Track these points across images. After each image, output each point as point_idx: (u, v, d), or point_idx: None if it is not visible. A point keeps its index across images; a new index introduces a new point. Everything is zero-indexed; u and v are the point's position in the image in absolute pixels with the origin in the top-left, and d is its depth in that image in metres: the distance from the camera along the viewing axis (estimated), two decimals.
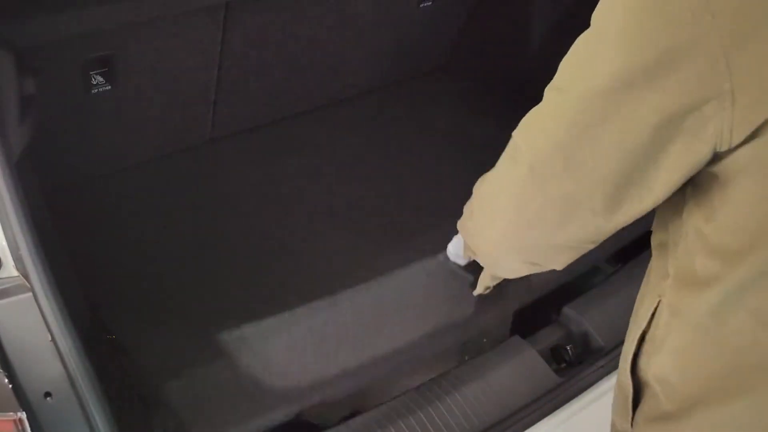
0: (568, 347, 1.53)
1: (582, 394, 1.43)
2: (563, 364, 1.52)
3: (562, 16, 2.24)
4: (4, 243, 0.96)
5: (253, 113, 2.12)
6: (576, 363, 1.51)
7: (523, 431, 1.36)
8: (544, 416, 1.39)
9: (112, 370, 1.40)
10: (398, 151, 2.15)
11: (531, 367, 1.47)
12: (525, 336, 1.59)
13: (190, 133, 2.03)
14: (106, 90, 1.70)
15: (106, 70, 1.67)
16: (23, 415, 0.96)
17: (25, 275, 0.96)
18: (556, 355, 1.53)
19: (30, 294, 0.96)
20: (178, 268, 1.72)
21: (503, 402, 1.40)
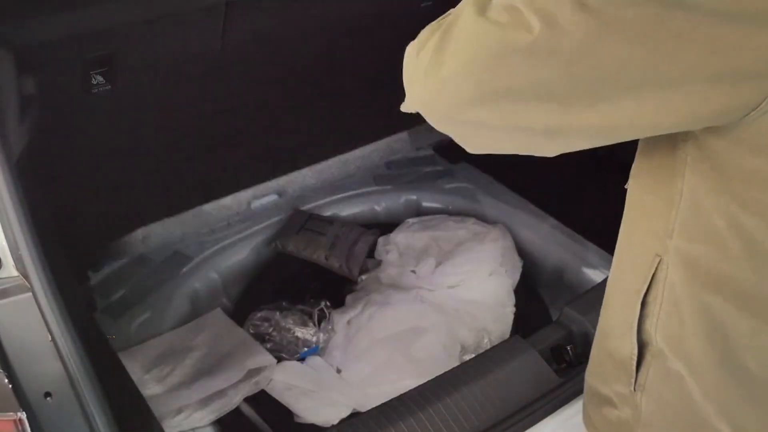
0: (568, 347, 1.53)
1: (582, 395, 1.43)
2: (563, 364, 1.52)
3: None
4: (4, 243, 0.96)
5: (251, 112, 2.12)
6: (576, 363, 1.51)
7: (523, 431, 1.37)
8: (545, 416, 1.39)
9: (112, 370, 1.40)
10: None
11: (531, 367, 1.47)
12: (525, 336, 1.59)
13: (190, 132, 2.03)
14: (106, 90, 1.70)
15: (106, 69, 1.67)
16: (23, 415, 0.96)
17: (25, 275, 0.96)
18: (556, 355, 1.53)
19: (30, 294, 0.96)
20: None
21: (503, 402, 1.40)
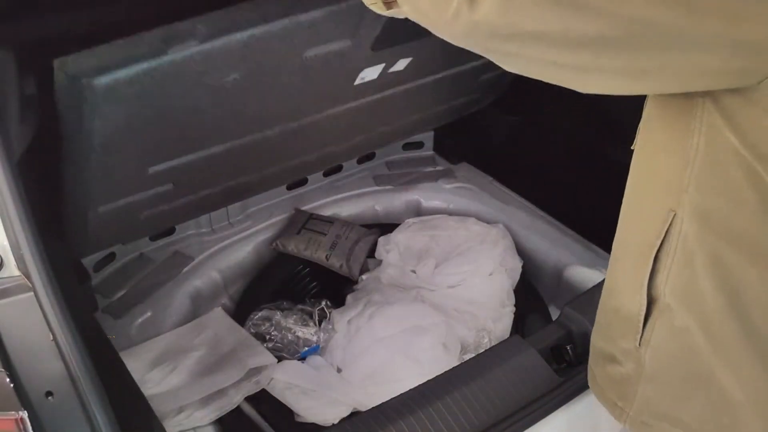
0: (568, 347, 1.53)
1: (582, 394, 1.43)
2: (563, 364, 1.52)
3: None
4: (5, 243, 0.97)
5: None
6: (576, 363, 1.51)
7: (523, 431, 1.37)
8: (545, 416, 1.39)
9: (113, 369, 1.41)
10: None
11: (531, 367, 1.47)
12: (525, 336, 1.59)
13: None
14: None
15: None
16: (25, 414, 0.96)
17: (26, 275, 0.97)
18: (556, 354, 1.53)
19: (31, 293, 0.97)
20: None
21: (503, 401, 1.40)
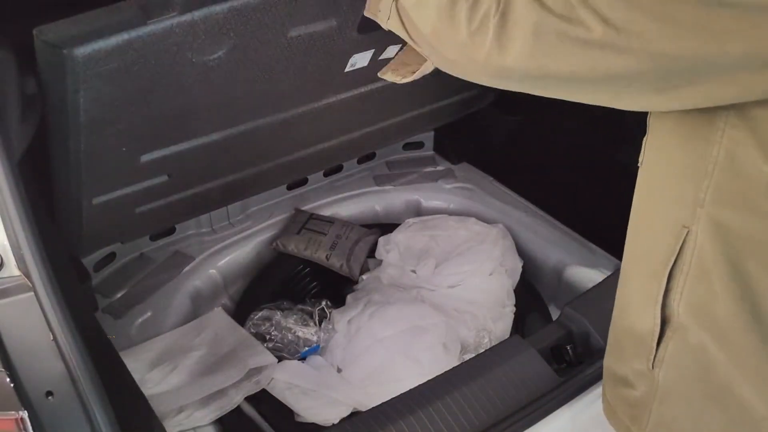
0: (568, 347, 1.53)
1: (582, 394, 1.43)
2: (563, 364, 1.53)
3: None
4: (6, 242, 0.97)
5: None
6: (576, 363, 1.52)
7: (523, 431, 1.37)
8: (545, 416, 1.39)
9: (113, 369, 1.41)
10: None
11: (531, 367, 1.47)
12: (525, 336, 1.59)
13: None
14: None
15: None
16: (25, 414, 0.96)
17: (26, 275, 0.97)
18: (556, 354, 1.53)
19: (32, 293, 0.97)
20: None
21: (503, 401, 1.41)
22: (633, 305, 0.96)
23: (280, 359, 1.76)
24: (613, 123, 1.59)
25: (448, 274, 2.01)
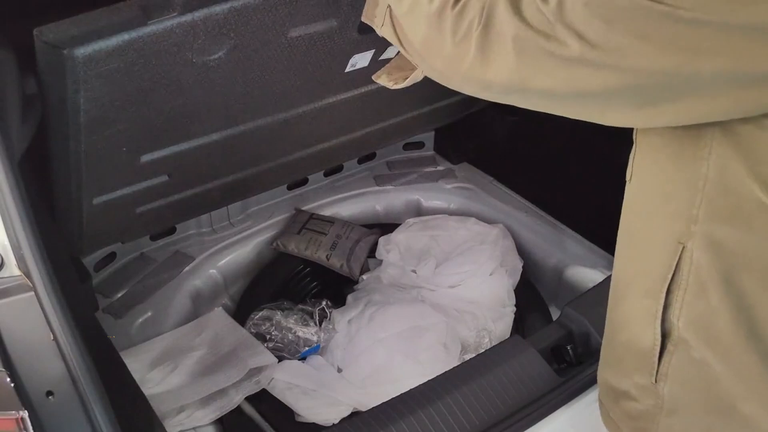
0: (568, 347, 1.53)
1: (582, 394, 1.43)
2: (564, 364, 1.53)
3: None
4: (6, 242, 0.97)
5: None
6: (576, 363, 1.52)
7: (523, 431, 1.37)
8: (545, 416, 1.39)
9: (113, 369, 1.41)
10: None
11: (531, 367, 1.47)
12: (525, 336, 1.59)
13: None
14: None
15: None
16: (25, 414, 0.96)
17: (27, 275, 0.97)
18: (556, 354, 1.53)
19: (32, 293, 0.97)
20: None
21: (504, 401, 1.40)
22: (631, 321, 0.95)
23: (280, 359, 1.76)
24: None
25: (449, 274, 2.01)
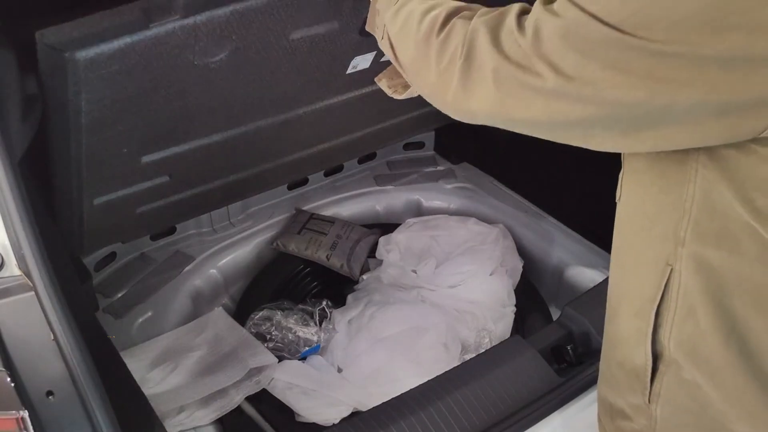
0: (568, 347, 1.53)
1: (582, 394, 1.43)
2: (564, 364, 1.53)
3: None
4: (6, 242, 0.97)
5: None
6: (576, 363, 1.52)
7: (523, 430, 1.37)
8: (545, 416, 1.39)
9: (113, 369, 1.41)
10: None
11: (532, 367, 1.47)
12: (525, 336, 1.59)
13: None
14: None
15: None
16: (25, 414, 0.96)
17: (27, 274, 0.97)
18: (556, 354, 1.53)
19: (32, 293, 0.97)
20: None
21: (504, 401, 1.41)
22: (624, 341, 0.94)
23: (280, 359, 1.76)
24: None
25: (449, 274, 2.01)
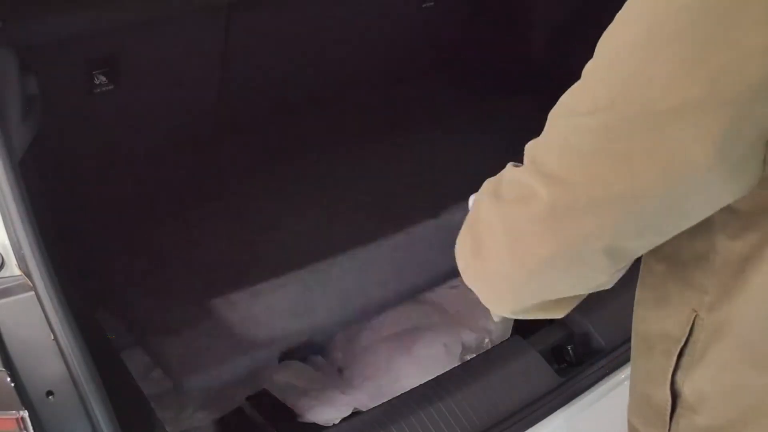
0: (569, 347, 1.53)
1: (583, 395, 1.43)
2: (564, 365, 1.52)
3: (564, 17, 2.24)
4: (6, 242, 0.97)
5: (255, 111, 2.13)
6: (577, 363, 1.51)
7: (524, 431, 1.37)
8: (545, 416, 1.39)
9: (114, 369, 1.41)
10: (397, 149, 2.16)
11: (532, 367, 1.47)
12: (526, 336, 1.59)
13: (192, 132, 2.03)
14: (109, 89, 1.70)
15: (108, 69, 1.67)
16: (25, 414, 0.96)
17: (27, 274, 0.97)
18: (557, 355, 1.53)
19: (32, 293, 0.97)
20: (182, 268, 1.73)
21: (504, 402, 1.40)
22: (651, 373, 0.93)
23: (280, 359, 1.75)
24: None
25: None
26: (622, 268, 0.77)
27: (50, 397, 0.98)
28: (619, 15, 0.66)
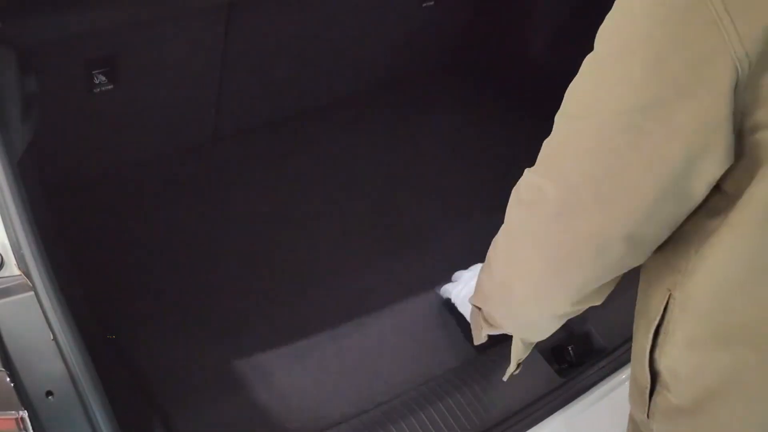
0: (569, 347, 1.53)
1: (583, 395, 1.43)
2: (564, 365, 1.52)
3: (565, 17, 2.23)
4: (6, 242, 0.97)
5: (255, 112, 2.13)
6: (577, 363, 1.51)
7: (524, 431, 1.37)
8: (546, 416, 1.39)
9: (114, 369, 1.41)
10: (399, 152, 2.15)
11: (532, 367, 1.47)
12: None
13: (192, 132, 2.03)
14: (109, 89, 1.70)
15: (108, 69, 1.67)
16: (25, 414, 0.96)
17: (27, 274, 0.97)
18: (557, 355, 1.53)
19: (32, 293, 0.97)
20: (178, 272, 1.72)
21: (504, 402, 1.40)
22: (635, 354, 0.96)
23: None
24: None
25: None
26: (648, 250, 0.82)
27: (50, 397, 0.98)
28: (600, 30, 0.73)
